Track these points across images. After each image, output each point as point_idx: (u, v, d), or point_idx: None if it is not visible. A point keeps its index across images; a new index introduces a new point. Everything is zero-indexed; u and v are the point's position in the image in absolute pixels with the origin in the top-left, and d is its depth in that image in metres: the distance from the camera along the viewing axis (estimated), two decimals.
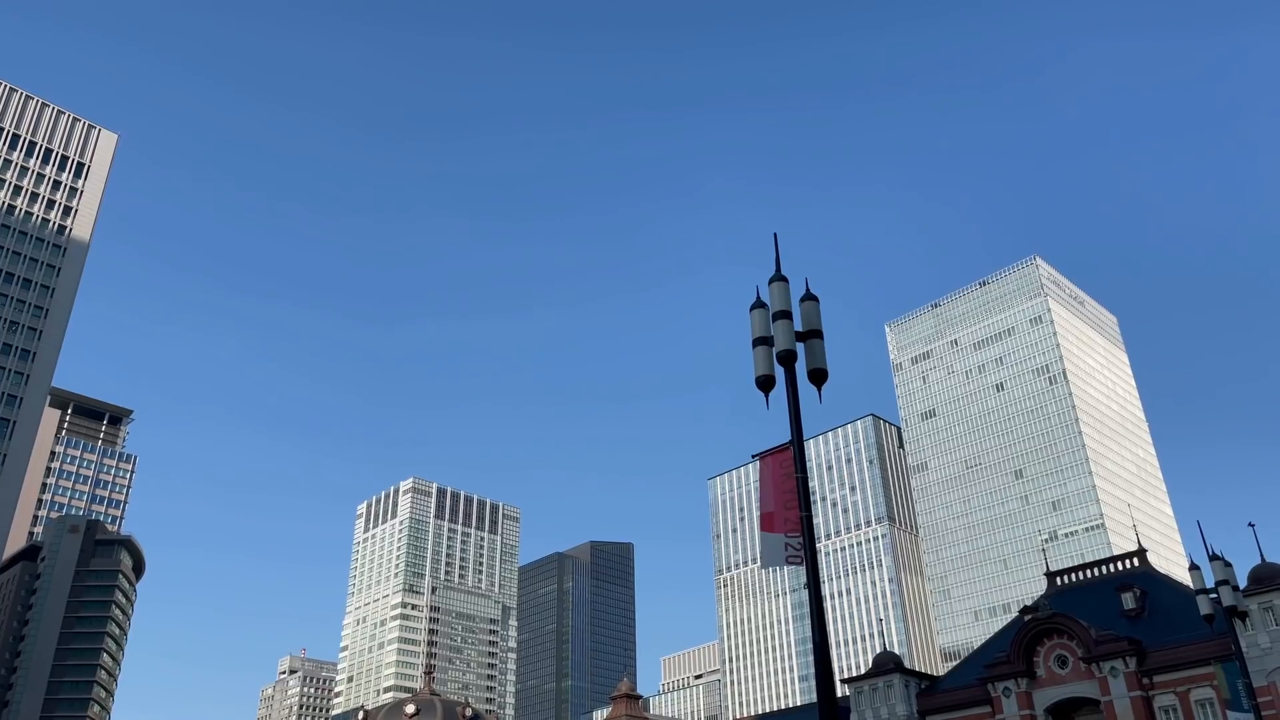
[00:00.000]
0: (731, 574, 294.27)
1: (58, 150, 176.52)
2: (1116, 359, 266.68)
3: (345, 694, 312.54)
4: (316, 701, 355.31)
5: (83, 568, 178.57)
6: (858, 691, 78.20)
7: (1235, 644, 26.84)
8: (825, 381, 13.10)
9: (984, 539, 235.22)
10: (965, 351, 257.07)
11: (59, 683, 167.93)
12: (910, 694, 76.13)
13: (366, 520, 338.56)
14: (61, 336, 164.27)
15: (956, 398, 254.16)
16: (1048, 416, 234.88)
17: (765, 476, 12.67)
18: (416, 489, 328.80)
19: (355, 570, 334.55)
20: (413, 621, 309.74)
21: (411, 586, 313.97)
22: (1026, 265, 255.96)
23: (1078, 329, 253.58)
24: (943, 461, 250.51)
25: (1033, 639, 69.89)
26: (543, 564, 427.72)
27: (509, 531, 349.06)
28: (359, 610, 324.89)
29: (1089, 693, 66.47)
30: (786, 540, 12.06)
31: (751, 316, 13.76)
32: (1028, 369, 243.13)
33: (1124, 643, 65.12)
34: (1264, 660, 58.35)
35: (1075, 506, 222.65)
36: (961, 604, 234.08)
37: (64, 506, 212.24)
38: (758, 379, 13.22)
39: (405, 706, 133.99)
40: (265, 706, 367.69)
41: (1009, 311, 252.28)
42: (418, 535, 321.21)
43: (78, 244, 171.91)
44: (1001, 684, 69.94)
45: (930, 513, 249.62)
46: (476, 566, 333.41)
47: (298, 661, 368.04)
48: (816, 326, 13.41)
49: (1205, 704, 61.82)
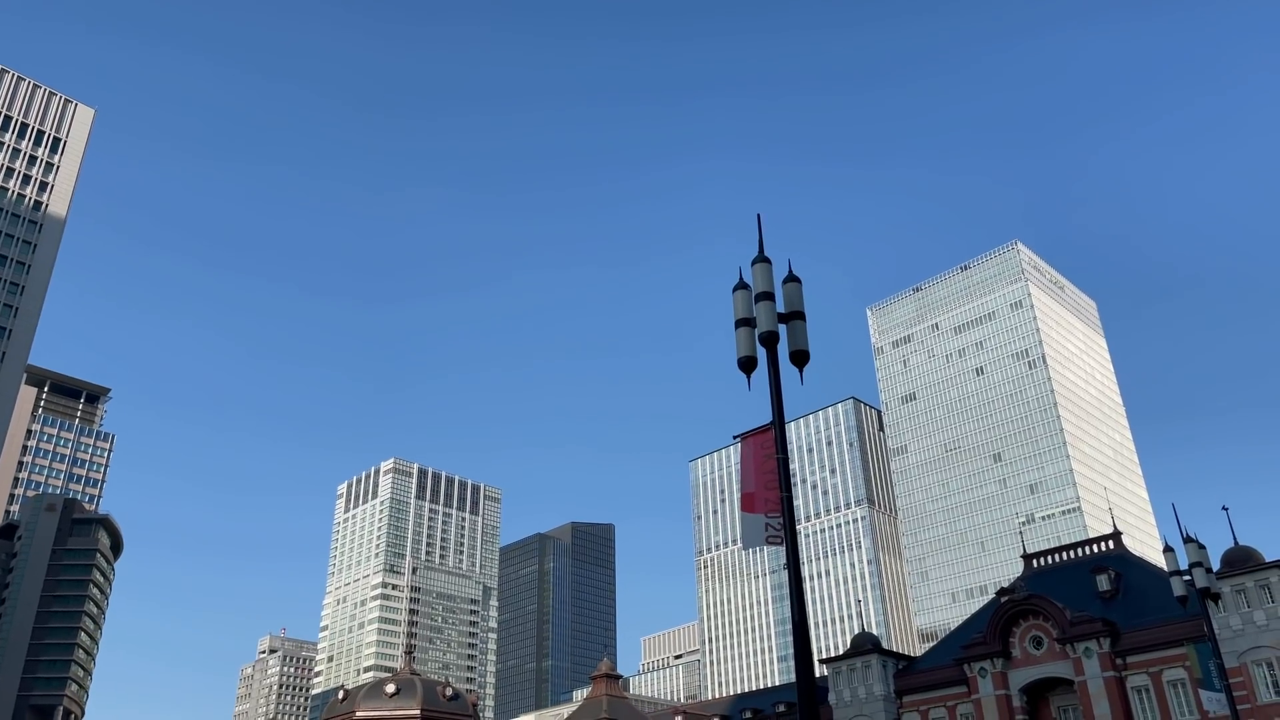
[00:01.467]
0: (712, 555, 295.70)
1: (33, 125, 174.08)
2: (1095, 344, 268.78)
3: (325, 673, 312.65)
4: (296, 681, 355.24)
5: (60, 546, 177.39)
6: (836, 672, 78.93)
7: (1208, 625, 27.20)
8: (807, 363, 13.12)
9: (962, 521, 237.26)
10: (946, 335, 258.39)
11: (36, 661, 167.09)
12: (888, 674, 76.93)
13: (347, 501, 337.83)
14: (38, 313, 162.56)
15: (936, 381, 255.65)
16: (1026, 401, 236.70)
17: (746, 457, 12.71)
18: (397, 469, 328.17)
19: (335, 550, 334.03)
20: (393, 602, 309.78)
21: (392, 567, 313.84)
22: (1007, 250, 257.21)
23: (1057, 314, 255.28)
24: (922, 445, 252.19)
25: (1009, 620, 70.70)
26: (524, 545, 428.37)
27: (490, 512, 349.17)
28: (339, 590, 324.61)
29: (1063, 673, 67.37)
30: (767, 520, 12.12)
31: (734, 297, 13.75)
32: (1007, 353, 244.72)
33: (1098, 624, 65.98)
34: (1236, 642, 59.27)
35: (1052, 490, 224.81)
36: (939, 585, 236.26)
37: (41, 485, 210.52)
38: (740, 360, 13.22)
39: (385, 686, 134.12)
40: (245, 686, 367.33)
41: (989, 296, 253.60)
42: (398, 516, 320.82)
43: (54, 220, 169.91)
44: (977, 664, 70.75)
45: (909, 495, 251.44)
46: (457, 547, 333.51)
47: (277, 641, 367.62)
48: (799, 308, 13.41)
49: (1177, 684, 62.77)
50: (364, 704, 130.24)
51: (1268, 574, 60.15)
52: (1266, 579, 60.08)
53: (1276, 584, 59.76)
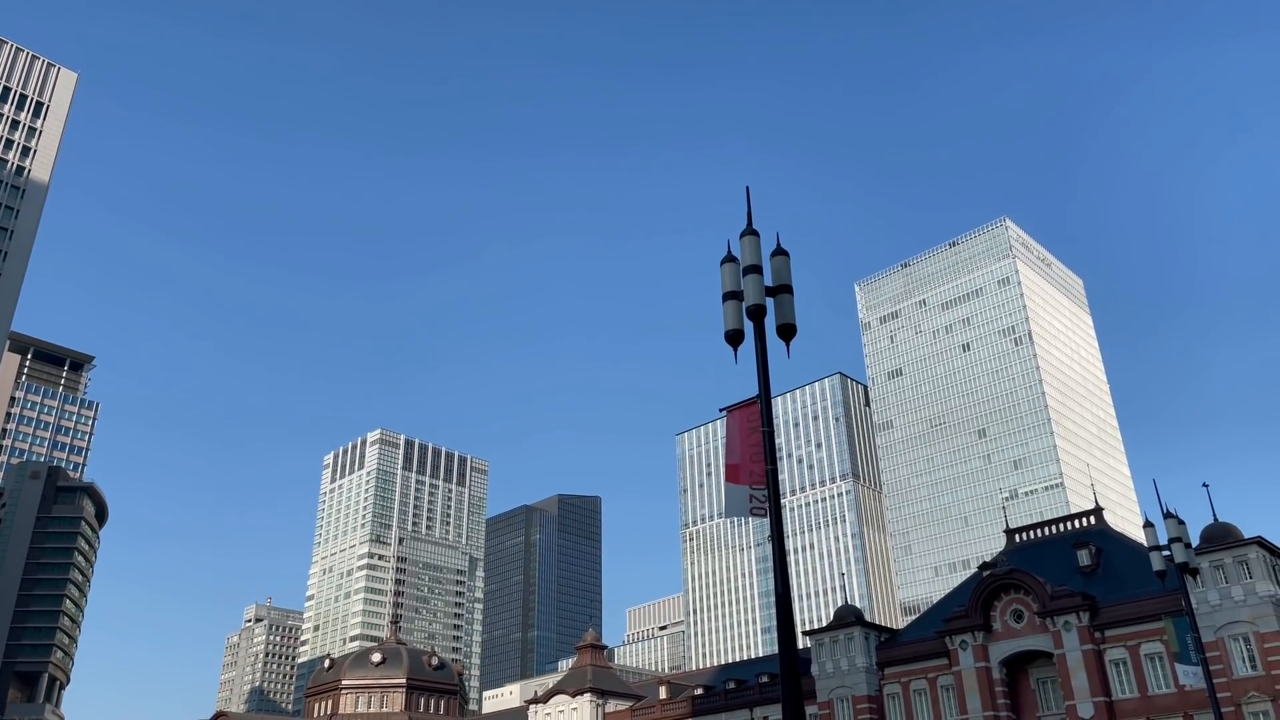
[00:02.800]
0: (698, 528, 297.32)
1: (15, 89, 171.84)
2: (1081, 321, 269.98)
3: (311, 642, 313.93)
4: (282, 649, 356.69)
5: (44, 514, 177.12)
6: (818, 643, 79.69)
7: (1186, 599, 27.54)
8: (794, 337, 13.14)
9: (946, 496, 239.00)
10: (933, 311, 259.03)
11: (21, 628, 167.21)
12: (870, 646, 77.73)
13: (333, 471, 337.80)
14: (20, 279, 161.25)
15: (923, 357, 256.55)
16: (1012, 377, 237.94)
17: (732, 429, 12.77)
18: (384, 440, 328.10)
19: (322, 520, 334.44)
20: (379, 571, 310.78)
21: (378, 537, 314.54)
22: (996, 226, 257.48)
23: (1044, 291, 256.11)
24: (908, 420, 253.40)
25: (990, 594, 71.42)
26: (511, 516, 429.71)
27: (477, 484, 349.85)
28: (325, 560, 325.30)
29: (1043, 646, 68.20)
30: (751, 492, 12.19)
31: (722, 270, 13.74)
32: (994, 330, 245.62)
33: (1078, 598, 66.75)
34: (1213, 617, 60.06)
35: (1036, 466, 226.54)
36: (922, 559, 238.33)
37: (24, 453, 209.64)
38: (727, 333, 13.24)
39: (371, 655, 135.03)
40: (231, 654, 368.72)
41: (977, 272, 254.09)
42: (385, 486, 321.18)
43: (36, 185, 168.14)
44: (959, 637, 71.53)
45: (894, 470, 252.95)
46: (444, 518, 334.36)
47: (263, 610, 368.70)
48: (786, 282, 13.41)
49: (1154, 658, 63.66)
50: (350, 672, 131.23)
51: (1246, 550, 60.86)
52: (1245, 555, 60.79)
53: (1255, 560, 60.48)
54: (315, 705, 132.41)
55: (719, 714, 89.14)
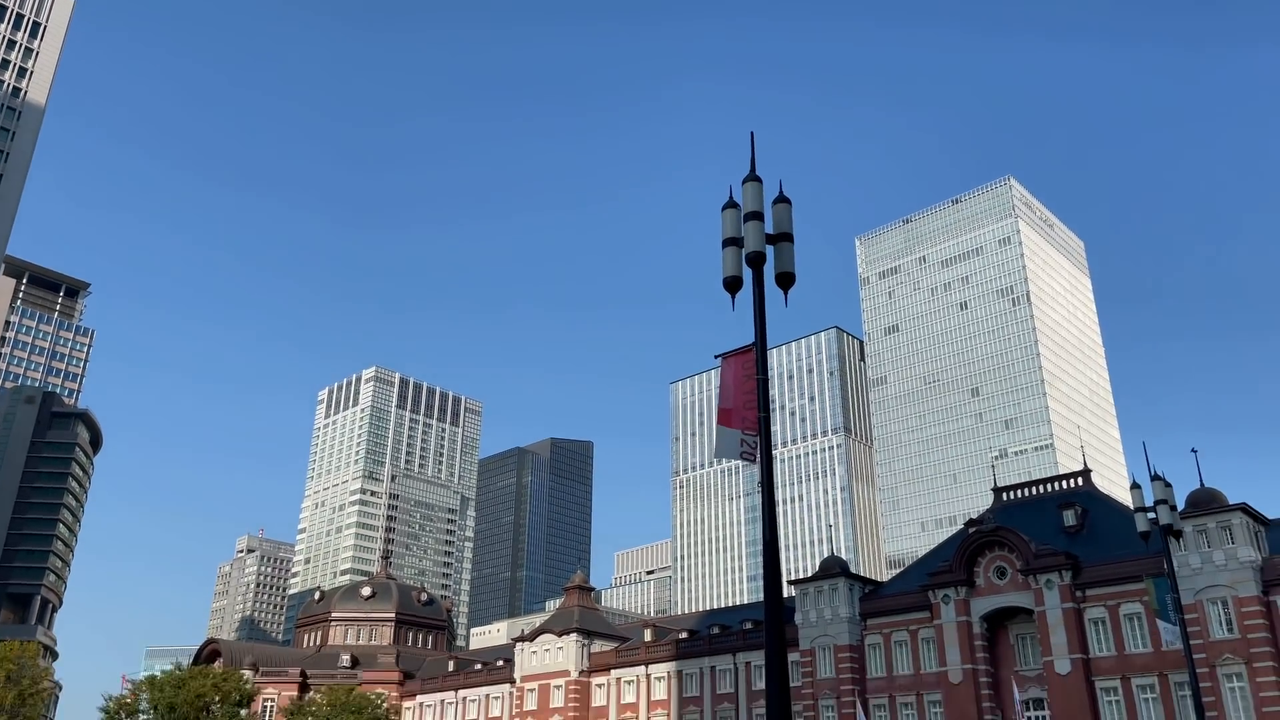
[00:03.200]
0: (689, 475, 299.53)
1: (12, 8, 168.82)
2: (1080, 284, 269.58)
3: (302, 574, 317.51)
4: (273, 581, 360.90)
5: (39, 439, 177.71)
6: (803, 593, 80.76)
7: (1168, 560, 27.86)
8: (792, 286, 13.07)
9: (936, 453, 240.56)
10: (932, 269, 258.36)
11: (14, 551, 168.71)
12: (854, 597, 78.82)
13: (328, 406, 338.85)
14: (16, 203, 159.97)
15: (920, 314, 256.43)
16: (1008, 337, 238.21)
17: (727, 376, 12.77)
18: (379, 378, 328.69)
19: (315, 455, 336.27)
20: (371, 508, 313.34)
21: (371, 473, 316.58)
22: (1000, 185, 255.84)
23: (1045, 252, 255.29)
24: (902, 376, 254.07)
25: (975, 550, 72.30)
26: (503, 458, 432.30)
27: (470, 424, 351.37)
28: (318, 494, 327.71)
29: (1024, 603, 69.22)
30: (743, 436, 12.24)
31: (723, 216, 13.62)
32: (992, 289, 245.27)
33: (1061, 557, 67.62)
34: (1194, 580, 60.91)
35: (1027, 426, 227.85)
36: (909, 515, 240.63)
37: (19, 377, 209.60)
38: (725, 279, 13.17)
39: (362, 589, 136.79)
40: (222, 583, 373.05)
41: (978, 231, 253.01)
42: (379, 423, 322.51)
43: (33, 107, 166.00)
44: (942, 591, 72.53)
45: (886, 425, 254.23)
46: (437, 457, 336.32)
47: (255, 541, 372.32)
48: (787, 230, 13.30)
49: (1133, 618, 64.67)
50: (340, 605, 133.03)
51: (1229, 516, 61.53)
52: (1228, 521, 61.47)
53: (1238, 526, 61.18)
54: (305, 636, 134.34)
55: (703, 658, 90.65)
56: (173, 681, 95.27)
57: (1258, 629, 58.84)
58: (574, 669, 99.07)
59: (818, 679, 77.02)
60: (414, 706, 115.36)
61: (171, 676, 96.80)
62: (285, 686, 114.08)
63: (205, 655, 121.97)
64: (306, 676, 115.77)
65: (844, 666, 76.03)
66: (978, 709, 68.70)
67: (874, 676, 75.73)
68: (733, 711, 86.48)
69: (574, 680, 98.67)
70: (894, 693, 74.24)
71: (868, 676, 75.93)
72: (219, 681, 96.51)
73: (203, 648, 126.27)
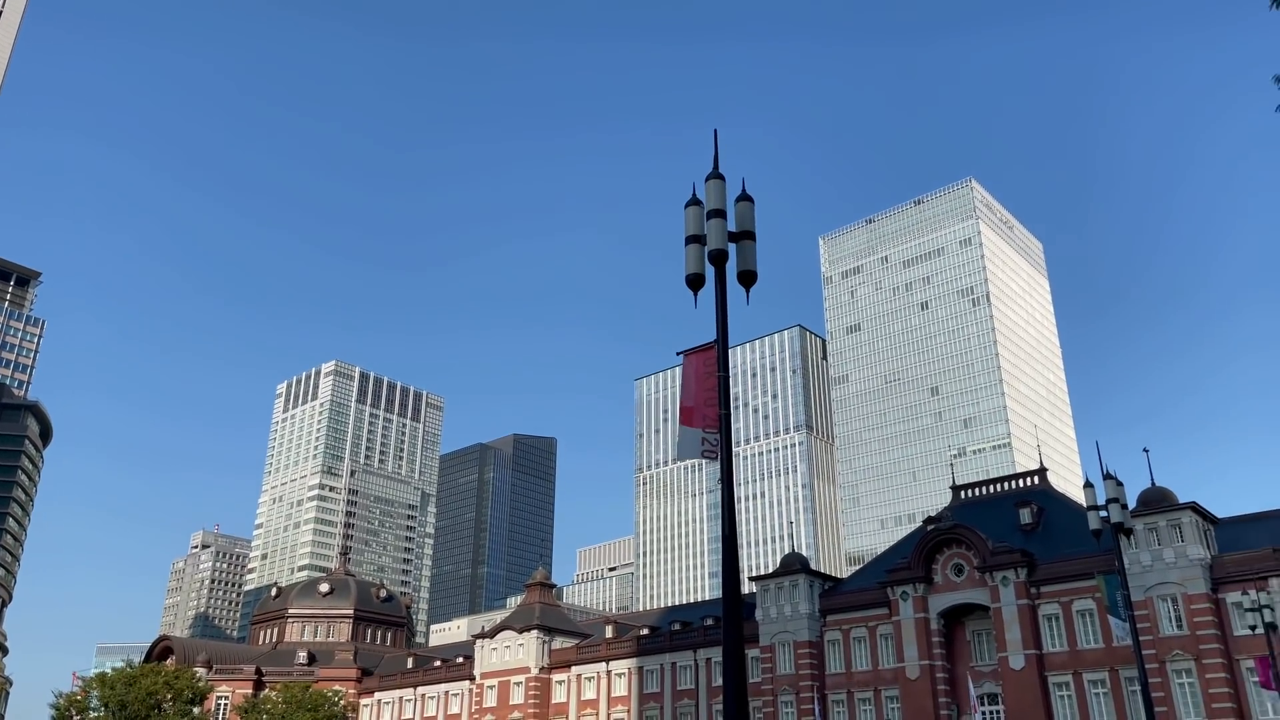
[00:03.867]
0: (652, 473, 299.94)
1: None
2: (1038, 285, 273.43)
3: (259, 571, 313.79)
4: (229, 577, 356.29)
5: None
6: (764, 589, 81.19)
7: (1119, 558, 28.34)
8: (754, 284, 13.13)
9: (896, 451, 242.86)
10: (895, 269, 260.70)
11: None
12: (814, 594, 79.39)
13: (286, 400, 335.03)
14: None
15: (882, 313, 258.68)
16: (967, 338, 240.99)
17: (689, 373, 12.80)
18: (339, 372, 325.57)
19: (273, 450, 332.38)
20: (330, 503, 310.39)
21: (330, 469, 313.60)
22: (961, 186, 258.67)
23: (1004, 253, 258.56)
24: (864, 375, 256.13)
25: (933, 548, 73.14)
26: (465, 453, 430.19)
27: (432, 420, 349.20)
28: (275, 489, 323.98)
29: (980, 599, 70.15)
30: (704, 435, 12.26)
31: (686, 213, 13.63)
32: (953, 290, 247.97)
33: (1017, 554, 68.61)
34: (1144, 577, 62.06)
35: (985, 425, 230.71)
36: (869, 512, 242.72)
37: None
38: (688, 277, 13.17)
39: (320, 585, 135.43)
40: (176, 579, 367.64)
41: (940, 232, 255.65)
42: (338, 418, 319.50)
43: None
44: (900, 588, 73.28)
45: (847, 423, 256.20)
46: (397, 452, 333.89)
47: (210, 537, 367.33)
48: (750, 228, 13.36)
49: (1085, 614, 65.81)
50: (297, 601, 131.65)
51: (1180, 514, 62.76)
52: (1178, 519, 62.71)
53: (1188, 525, 62.43)
54: (261, 633, 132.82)
55: (663, 654, 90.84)
56: (124, 678, 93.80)
57: (1206, 626, 60.08)
58: (534, 666, 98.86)
59: (777, 675, 77.50)
60: (372, 704, 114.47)
61: (123, 674, 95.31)
62: (240, 684, 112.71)
63: (157, 652, 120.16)
64: (262, 674, 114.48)
65: (803, 662, 76.56)
66: (934, 704, 69.52)
67: (833, 672, 76.36)
68: (693, 708, 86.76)
69: (534, 677, 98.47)
70: (852, 688, 74.91)
71: (826, 672, 76.55)
72: (171, 679, 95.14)
73: (155, 645, 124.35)
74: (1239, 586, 59.04)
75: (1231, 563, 61.55)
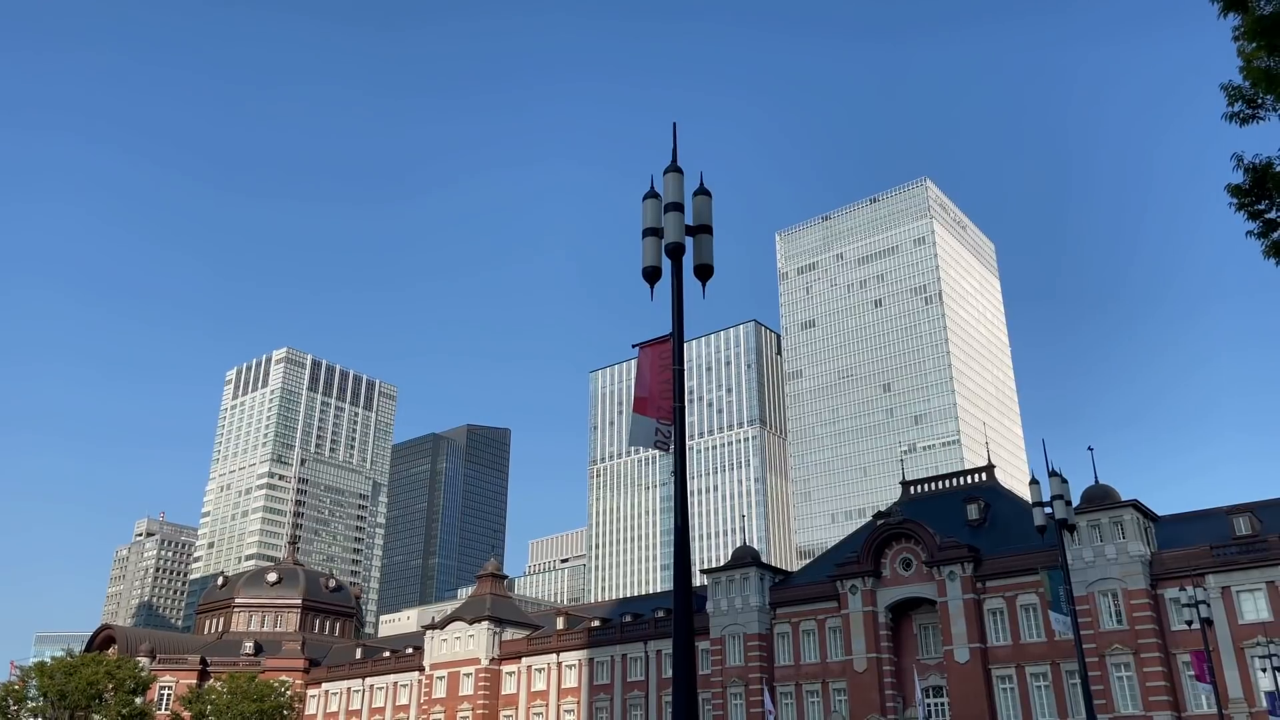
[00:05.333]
0: (606, 465, 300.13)
1: None
2: (989, 285, 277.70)
3: (205, 559, 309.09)
4: (174, 565, 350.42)
5: None
6: (715, 582, 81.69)
7: (1062, 553, 28.94)
8: (710, 278, 13.16)
9: (848, 447, 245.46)
10: (849, 266, 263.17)
11: None
12: (764, 586, 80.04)
13: (235, 387, 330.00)
14: None
15: (836, 310, 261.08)
16: (920, 335, 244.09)
17: (644, 365, 12.83)
18: (290, 359, 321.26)
19: (221, 437, 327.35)
20: (279, 492, 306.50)
21: (280, 457, 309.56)
22: (916, 186, 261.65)
23: (957, 253, 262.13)
24: (817, 371, 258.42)
25: (882, 542, 74.09)
26: (418, 443, 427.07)
27: (384, 409, 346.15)
28: (223, 477, 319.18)
29: (927, 594, 71.23)
30: (658, 425, 12.32)
31: (643, 206, 13.63)
32: (906, 288, 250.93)
33: (964, 550, 69.76)
34: (1086, 572, 63.44)
35: (936, 422, 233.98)
36: (820, 506, 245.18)
37: None
38: (645, 270, 13.17)
39: (267, 574, 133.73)
40: (119, 567, 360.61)
41: (895, 230, 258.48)
42: (289, 406, 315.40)
43: None
44: (849, 582, 74.15)
45: (800, 419, 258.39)
46: (349, 441, 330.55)
47: (155, 525, 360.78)
48: (707, 222, 13.39)
49: (1029, 609, 67.14)
50: (244, 591, 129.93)
51: (1121, 512, 64.25)
52: (1120, 517, 64.19)
53: (1129, 522, 63.93)
54: (206, 622, 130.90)
55: (614, 646, 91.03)
56: (64, 668, 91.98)
57: (1145, 620, 61.61)
58: (484, 657, 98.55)
59: (727, 667, 78.07)
60: (320, 694, 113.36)
61: (62, 663, 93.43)
62: (184, 674, 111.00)
63: (99, 641, 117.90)
64: (207, 664, 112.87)
65: (753, 655, 77.19)
66: (880, 696, 70.51)
67: (781, 665, 77.09)
68: (642, 699, 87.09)
69: (484, 668, 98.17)
70: (800, 680, 75.70)
71: (775, 665, 77.25)
72: (113, 669, 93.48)
73: (96, 634, 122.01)
74: (1177, 582, 60.56)
75: (1170, 559, 63.14)
